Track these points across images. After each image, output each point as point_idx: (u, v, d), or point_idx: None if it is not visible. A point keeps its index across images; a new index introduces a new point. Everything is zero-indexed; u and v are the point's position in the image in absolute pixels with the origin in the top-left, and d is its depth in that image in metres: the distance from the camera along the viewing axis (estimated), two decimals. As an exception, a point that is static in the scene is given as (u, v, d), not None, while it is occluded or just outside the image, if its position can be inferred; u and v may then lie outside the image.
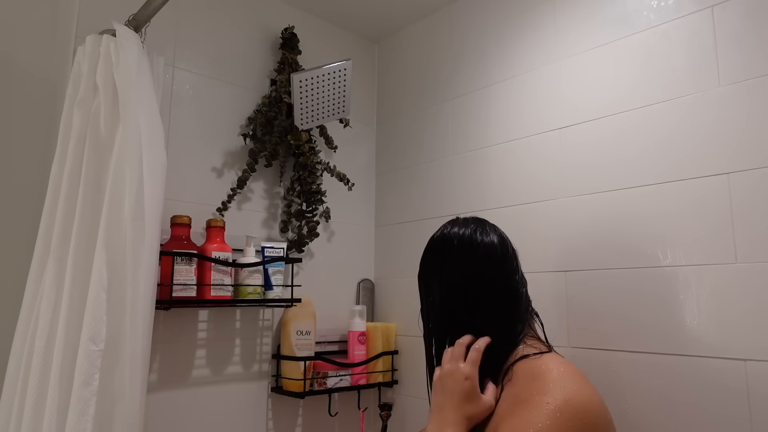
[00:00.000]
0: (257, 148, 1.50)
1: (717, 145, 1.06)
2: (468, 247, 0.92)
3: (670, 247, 1.10)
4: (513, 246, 0.96)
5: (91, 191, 1.08)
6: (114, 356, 1.02)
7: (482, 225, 0.96)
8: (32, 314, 1.04)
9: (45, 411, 0.96)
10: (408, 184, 1.73)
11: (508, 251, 0.94)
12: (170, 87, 1.40)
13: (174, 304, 1.25)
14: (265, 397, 1.49)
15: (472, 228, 0.94)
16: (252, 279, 1.37)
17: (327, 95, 1.50)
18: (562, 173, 1.31)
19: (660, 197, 1.12)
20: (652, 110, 1.16)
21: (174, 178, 1.34)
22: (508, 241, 0.96)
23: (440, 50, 1.70)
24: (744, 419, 0.96)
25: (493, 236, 0.94)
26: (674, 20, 1.15)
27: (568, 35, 1.34)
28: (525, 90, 1.42)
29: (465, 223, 0.96)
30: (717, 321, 1.02)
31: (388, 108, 1.86)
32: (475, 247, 0.91)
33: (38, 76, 1.29)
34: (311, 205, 1.58)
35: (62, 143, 1.10)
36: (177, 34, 1.44)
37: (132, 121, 1.08)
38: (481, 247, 0.91)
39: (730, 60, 1.06)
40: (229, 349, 1.44)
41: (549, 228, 1.30)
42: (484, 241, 0.92)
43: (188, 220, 1.30)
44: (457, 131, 1.60)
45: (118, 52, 1.11)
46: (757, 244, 0.99)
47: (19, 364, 1.02)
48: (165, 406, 1.30)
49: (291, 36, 1.62)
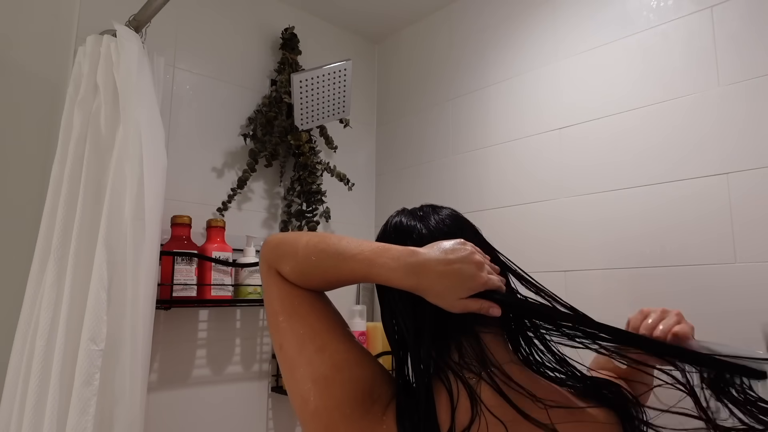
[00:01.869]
0: (257, 148, 1.50)
1: (716, 145, 1.06)
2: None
3: (670, 247, 1.10)
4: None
5: (92, 191, 1.08)
6: (114, 356, 1.02)
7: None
8: (33, 314, 1.04)
9: (46, 410, 0.96)
10: (408, 184, 1.73)
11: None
12: (170, 87, 1.41)
13: (174, 303, 1.25)
14: (265, 396, 1.49)
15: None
16: (252, 279, 1.37)
17: (327, 95, 1.50)
18: (561, 173, 1.31)
19: (659, 197, 1.12)
20: (652, 110, 1.16)
21: (174, 178, 1.34)
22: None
23: (440, 51, 1.70)
24: None
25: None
26: (674, 20, 1.15)
27: (567, 36, 1.34)
28: (525, 90, 1.43)
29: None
30: (717, 320, 1.02)
31: (388, 108, 1.87)
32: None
33: (39, 76, 1.29)
34: (311, 205, 1.58)
35: (63, 143, 1.11)
36: (177, 35, 1.44)
37: (132, 122, 1.08)
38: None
39: (729, 60, 1.06)
40: (230, 348, 1.44)
41: (549, 228, 1.30)
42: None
43: (188, 220, 1.30)
44: (457, 131, 1.60)
45: (118, 53, 1.11)
46: (757, 244, 0.99)
47: (19, 364, 1.02)
48: (165, 406, 1.30)
49: (291, 36, 1.62)
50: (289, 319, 0.70)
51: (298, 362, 0.68)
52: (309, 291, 0.72)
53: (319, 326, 0.70)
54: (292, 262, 0.70)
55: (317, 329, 0.69)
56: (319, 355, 0.67)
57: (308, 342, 0.68)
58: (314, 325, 0.70)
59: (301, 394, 0.66)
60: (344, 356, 0.68)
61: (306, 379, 0.66)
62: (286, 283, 0.72)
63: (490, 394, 0.63)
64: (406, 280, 0.64)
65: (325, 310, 0.72)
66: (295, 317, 0.70)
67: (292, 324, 0.70)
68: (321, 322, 0.70)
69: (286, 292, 0.71)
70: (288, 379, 0.69)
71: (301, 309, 0.71)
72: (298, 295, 0.71)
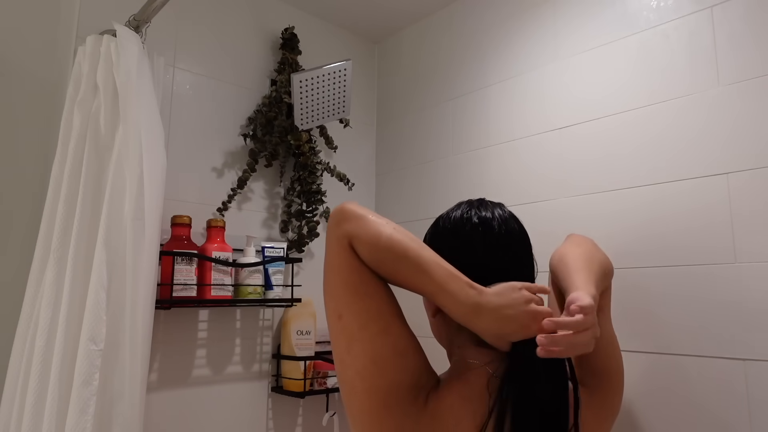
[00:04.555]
0: (257, 148, 1.50)
1: (716, 144, 1.06)
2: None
3: (670, 247, 1.10)
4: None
5: (91, 191, 1.08)
6: (114, 356, 1.02)
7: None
8: (32, 314, 1.04)
9: (45, 410, 0.96)
10: (408, 184, 1.73)
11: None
12: (170, 87, 1.41)
13: (174, 303, 1.25)
14: (265, 396, 1.49)
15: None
16: (252, 279, 1.37)
17: (327, 95, 1.50)
18: (562, 173, 1.31)
19: (659, 197, 1.12)
20: (651, 110, 1.16)
21: (174, 178, 1.34)
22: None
23: (440, 50, 1.70)
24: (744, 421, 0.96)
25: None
26: (674, 20, 1.15)
27: (568, 35, 1.34)
28: (525, 90, 1.42)
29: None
30: (717, 320, 1.02)
31: (389, 108, 1.86)
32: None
33: (39, 76, 1.29)
34: (311, 205, 1.58)
35: (62, 143, 1.11)
36: (177, 35, 1.44)
37: (132, 121, 1.08)
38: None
39: (729, 60, 1.06)
40: (230, 348, 1.44)
41: (549, 228, 1.30)
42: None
43: (188, 220, 1.30)
44: (457, 131, 1.60)
45: (118, 53, 1.11)
46: (757, 244, 0.99)
47: (19, 364, 1.03)
48: (165, 406, 1.30)
49: (291, 36, 1.62)
50: (354, 293, 0.72)
51: (358, 337, 0.69)
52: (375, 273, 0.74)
53: (385, 308, 0.72)
54: (370, 248, 0.70)
55: (383, 311, 0.72)
56: (382, 337, 0.69)
57: (372, 321, 0.70)
58: (380, 306, 0.72)
59: (357, 369, 0.69)
60: (405, 342, 0.71)
61: (365, 355, 0.69)
62: (356, 258, 0.72)
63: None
64: (465, 318, 0.69)
65: (390, 295, 0.74)
66: (361, 293, 0.72)
67: (356, 299, 0.71)
68: (387, 305, 0.72)
69: (356, 267, 0.72)
70: (342, 352, 0.71)
71: (368, 287, 0.72)
72: (367, 273, 0.72)
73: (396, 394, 0.68)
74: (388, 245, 0.69)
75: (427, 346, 0.77)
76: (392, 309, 0.73)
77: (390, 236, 0.70)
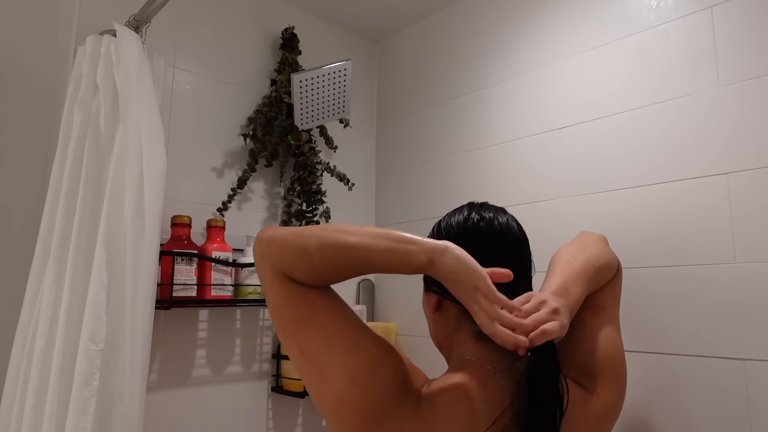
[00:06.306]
0: (257, 148, 1.50)
1: (716, 144, 1.06)
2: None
3: (670, 247, 1.10)
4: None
5: (92, 191, 1.08)
6: (114, 356, 1.02)
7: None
8: (32, 314, 1.04)
9: (45, 410, 0.96)
10: (408, 184, 1.73)
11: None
12: (170, 87, 1.41)
13: (174, 303, 1.25)
14: (265, 396, 1.49)
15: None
16: (252, 279, 1.37)
17: (327, 95, 1.50)
18: (561, 173, 1.31)
19: (659, 197, 1.12)
20: (651, 110, 1.16)
21: (174, 178, 1.34)
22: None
23: (440, 51, 1.70)
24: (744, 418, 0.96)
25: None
26: (674, 21, 1.15)
27: (568, 36, 1.34)
28: (525, 90, 1.42)
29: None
30: (717, 321, 1.02)
31: (388, 108, 1.87)
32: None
33: (39, 76, 1.29)
34: (311, 205, 1.58)
35: (62, 143, 1.11)
36: (177, 35, 1.44)
37: (132, 121, 1.08)
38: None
39: (729, 60, 1.06)
40: (230, 348, 1.44)
41: (549, 228, 1.30)
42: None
43: (188, 220, 1.30)
44: (456, 131, 1.60)
45: (118, 53, 1.11)
46: (757, 244, 0.99)
47: (19, 364, 1.03)
48: (165, 406, 1.30)
49: (291, 36, 1.62)
50: (308, 322, 0.69)
51: (328, 364, 0.67)
52: (320, 288, 0.71)
53: (343, 326, 0.69)
54: (307, 265, 0.68)
55: (342, 330, 0.69)
56: (352, 356, 0.67)
57: (334, 344, 0.68)
58: (338, 324, 0.69)
59: (336, 395, 0.66)
60: (378, 351, 0.69)
61: (340, 379, 0.66)
62: (296, 287, 0.70)
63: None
64: (431, 256, 0.67)
65: (341, 307, 0.72)
66: (315, 319, 0.69)
67: (311, 327, 0.69)
68: (344, 321, 0.70)
69: (301, 294, 0.70)
70: (316, 382, 0.68)
71: (319, 311, 0.69)
72: (312, 297, 0.70)
73: (383, 406, 0.66)
74: (320, 252, 0.67)
75: (427, 346, 0.77)
76: (350, 322, 0.70)
77: (317, 242, 0.68)
